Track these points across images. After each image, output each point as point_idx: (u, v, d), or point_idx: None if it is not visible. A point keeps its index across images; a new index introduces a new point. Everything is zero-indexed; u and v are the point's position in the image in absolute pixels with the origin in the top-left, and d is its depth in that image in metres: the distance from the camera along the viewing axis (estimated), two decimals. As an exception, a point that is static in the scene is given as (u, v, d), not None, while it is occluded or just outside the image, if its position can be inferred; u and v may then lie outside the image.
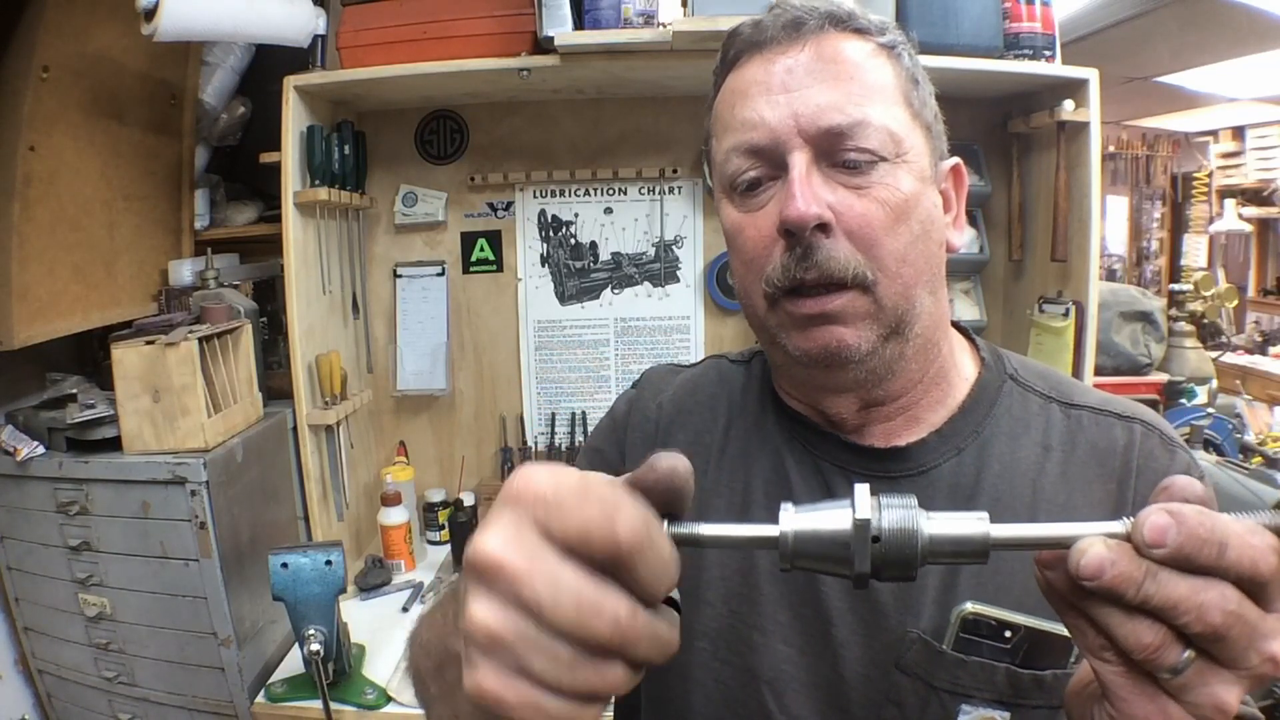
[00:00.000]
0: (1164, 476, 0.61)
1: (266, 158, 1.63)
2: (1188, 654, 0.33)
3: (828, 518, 0.38)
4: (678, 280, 1.96)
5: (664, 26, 1.47)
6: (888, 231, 0.58)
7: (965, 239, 0.66)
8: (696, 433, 0.73)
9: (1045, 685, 0.57)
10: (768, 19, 0.62)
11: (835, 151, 0.58)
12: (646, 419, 0.75)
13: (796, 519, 0.38)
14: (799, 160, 0.57)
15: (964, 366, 0.68)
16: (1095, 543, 0.34)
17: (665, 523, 0.38)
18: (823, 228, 0.57)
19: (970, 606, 0.56)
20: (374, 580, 1.71)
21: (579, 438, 1.99)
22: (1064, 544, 0.35)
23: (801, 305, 0.58)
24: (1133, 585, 0.33)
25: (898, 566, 0.37)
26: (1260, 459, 2.05)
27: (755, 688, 0.63)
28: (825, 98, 0.58)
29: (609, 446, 0.77)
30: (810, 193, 0.56)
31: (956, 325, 0.71)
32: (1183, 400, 2.15)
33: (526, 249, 1.96)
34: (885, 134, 0.58)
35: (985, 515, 0.37)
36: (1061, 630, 0.54)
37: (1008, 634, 0.55)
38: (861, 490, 0.38)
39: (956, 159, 0.66)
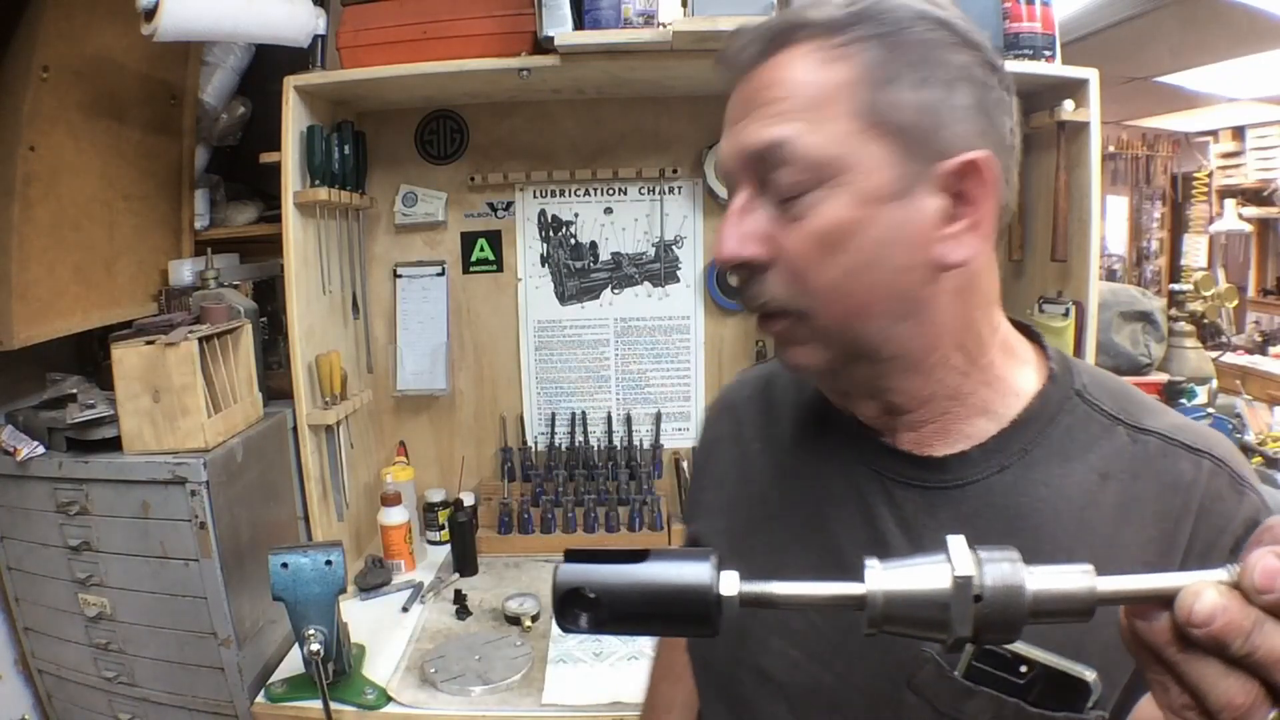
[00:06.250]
0: (1228, 521, 0.56)
1: (266, 158, 1.63)
2: (1274, 713, 0.32)
3: (922, 574, 0.34)
4: (678, 280, 1.96)
5: (664, 26, 1.47)
6: (816, 264, 0.55)
7: (969, 250, 0.55)
8: (758, 428, 0.74)
9: None
10: (731, 50, 0.59)
11: (768, 181, 0.56)
12: (719, 432, 0.79)
13: (885, 576, 0.35)
14: (740, 195, 0.57)
15: (1018, 381, 0.62)
16: (1208, 587, 0.32)
17: (737, 579, 0.35)
18: (749, 264, 0.56)
19: None
20: (374, 580, 1.71)
21: (579, 438, 1.99)
22: (1168, 596, 0.33)
23: (760, 326, 0.60)
24: (1240, 635, 0.31)
25: (1000, 629, 0.34)
26: (1260, 459, 2.05)
27: (769, 689, 0.64)
28: (754, 123, 0.55)
29: (696, 478, 0.81)
30: (737, 231, 0.56)
31: (1029, 332, 0.66)
32: (1183, 400, 2.15)
33: (526, 249, 1.96)
34: (807, 157, 0.53)
35: (1090, 568, 0.34)
36: (1080, 672, 0.51)
37: (1023, 669, 0.52)
38: (957, 543, 0.35)
39: (971, 154, 0.53)
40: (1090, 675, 0.51)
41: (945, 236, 0.55)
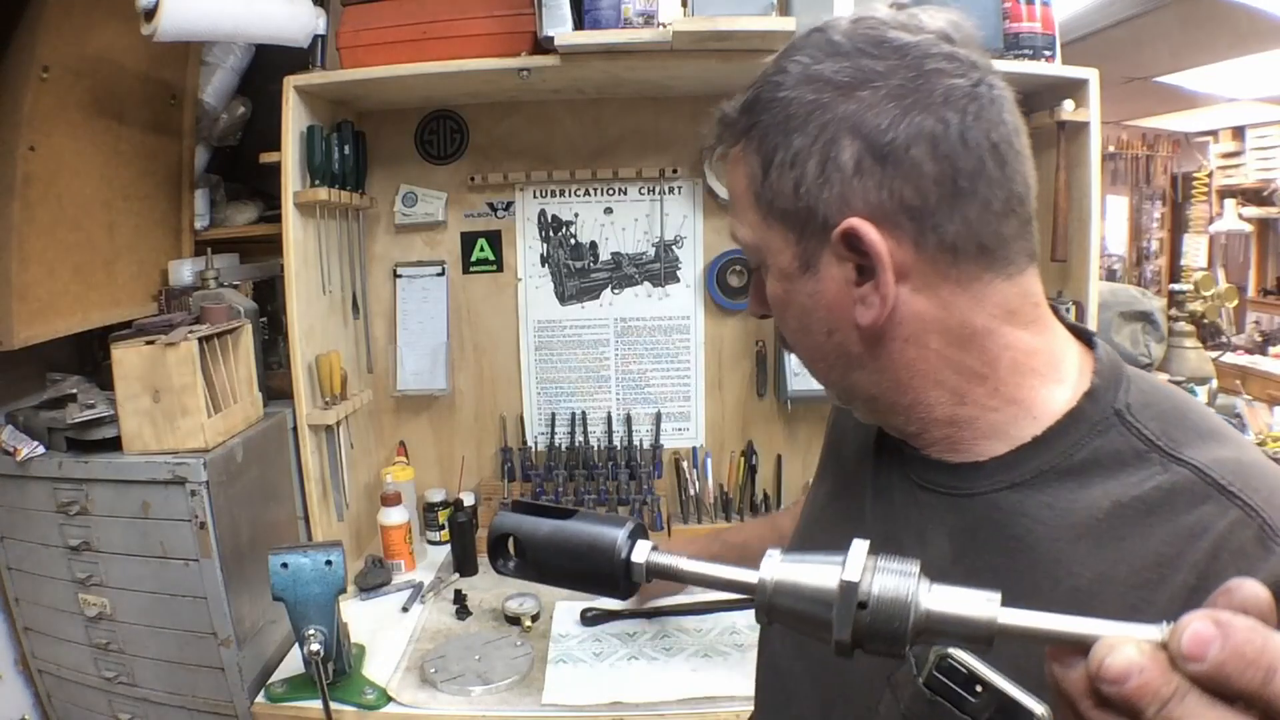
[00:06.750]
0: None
1: (266, 158, 1.63)
2: None
3: (814, 572, 0.34)
4: (678, 280, 1.96)
5: (664, 26, 1.47)
6: (781, 328, 0.66)
7: (875, 311, 0.56)
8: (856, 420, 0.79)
9: None
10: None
11: None
12: (833, 419, 0.87)
13: (780, 568, 0.35)
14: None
15: (1041, 401, 0.59)
16: (1126, 643, 0.30)
17: (650, 549, 0.36)
18: (767, 316, 0.68)
19: (950, 649, 0.51)
20: (374, 580, 1.71)
21: (579, 438, 1.99)
22: (1084, 642, 0.31)
23: None
24: (1156, 701, 0.29)
25: (883, 640, 0.33)
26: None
27: (796, 653, 0.71)
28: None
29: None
30: (753, 293, 0.68)
31: (1084, 337, 0.64)
32: (1182, 400, 2.15)
33: (526, 249, 1.96)
34: (745, 244, 0.64)
35: (996, 596, 0.33)
36: (1030, 705, 0.49)
37: (978, 689, 0.50)
38: (858, 548, 0.35)
39: (845, 223, 0.55)
40: (1040, 709, 0.49)
41: (858, 299, 0.57)
